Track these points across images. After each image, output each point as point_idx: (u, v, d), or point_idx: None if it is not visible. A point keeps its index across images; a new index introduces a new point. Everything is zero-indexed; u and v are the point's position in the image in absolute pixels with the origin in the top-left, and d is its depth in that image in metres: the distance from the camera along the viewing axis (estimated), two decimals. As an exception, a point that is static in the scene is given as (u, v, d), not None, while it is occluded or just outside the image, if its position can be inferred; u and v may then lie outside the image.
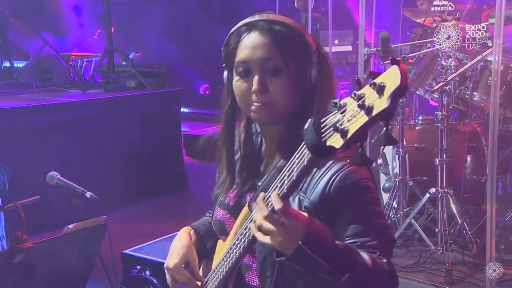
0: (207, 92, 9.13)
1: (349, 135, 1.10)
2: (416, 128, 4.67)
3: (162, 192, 5.96)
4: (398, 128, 4.39)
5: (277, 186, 1.35)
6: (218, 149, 1.72)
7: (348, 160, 1.48)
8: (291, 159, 1.31)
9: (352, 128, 1.09)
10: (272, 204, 1.32)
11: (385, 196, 4.58)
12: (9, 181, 3.19)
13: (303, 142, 1.23)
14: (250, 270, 1.64)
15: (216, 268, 1.67)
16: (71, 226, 2.98)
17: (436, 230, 4.12)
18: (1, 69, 6.86)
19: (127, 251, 3.74)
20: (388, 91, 1.03)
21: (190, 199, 6.04)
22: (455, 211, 4.11)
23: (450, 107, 4.29)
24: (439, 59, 4.37)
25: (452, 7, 4.35)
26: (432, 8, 4.46)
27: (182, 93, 6.78)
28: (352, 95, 1.11)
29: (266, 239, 1.34)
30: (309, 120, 1.21)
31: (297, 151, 1.28)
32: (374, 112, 1.05)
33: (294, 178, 1.30)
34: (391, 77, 1.04)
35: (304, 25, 4.78)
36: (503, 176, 4.21)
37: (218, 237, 1.77)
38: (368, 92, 1.08)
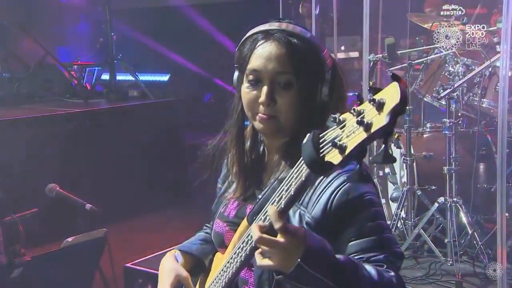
0: (212, 101, 9.08)
1: (347, 151, 1.10)
2: (424, 136, 4.61)
3: (164, 204, 5.89)
4: (405, 136, 4.32)
5: (275, 200, 1.33)
6: (229, 153, 1.70)
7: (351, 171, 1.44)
8: (290, 173, 1.30)
9: (351, 144, 1.09)
10: (269, 219, 1.31)
11: (393, 206, 4.53)
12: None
13: (301, 158, 1.23)
14: (246, 284, 1.61)
15: (213, 281, 1.65)
16: (70, 239, 2.96)
17: (446, 240, 4.06)
18: (1, 79, 6.82)
19: (129, 265, 3.68)
20: (387, 108, 1.04)
21: (194, 211, 5.95)
22: (465, 221, 4.05)
23: (459, 114, 4.22)
24: (446, 65, 4.32)
25: (462, 11, 4.29)
26: (442, 13, 4.41)
27: (186, 102, 6.73)
28: (352, 111, 1.10)
29: (265, 261, 1.32)
30: (308, 134, 1.20)
31: (296, 165, 1.27)
32: (373, 129, 1.05)
33: (292, 193, 1.29)
34: (391, 94, 1.04)
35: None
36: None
37: (213, 251, 1.76)
38: (367, 108, 1.07)
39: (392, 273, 1.41)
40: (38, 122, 5.34)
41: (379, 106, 1.04)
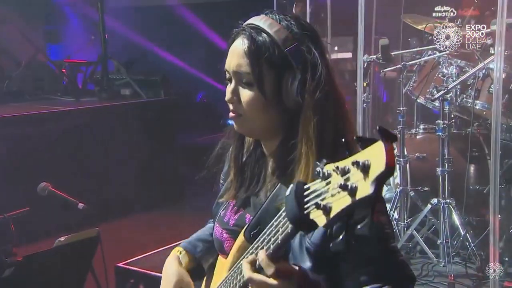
0: (204, 100, 9.05)
1: (332, 215, 1.04)
2: (418, 137, 4.61)
3: (157, 203, 5.86)
4: (399, 137, 4.32)
5: (264, 243, 1.29)
6: (229, 157, 1.68)
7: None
8: (278, 215, 1.24)
9: (335, 207, 1.03)
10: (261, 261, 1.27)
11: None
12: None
13: (283, 209, 1.17)
14: None
15: None
16: (62, 238, 2.91)
17: (438, 242, 4.07)
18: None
19: (120, 264, 3.65)
20: (372, 175, 0.96)
21: (186, 211, 5.94)
22: (457, 222, 4.06)
23: (452, 116, 4.23)
24: (440, 66, 4.32)
25: (454, 13, 4.29)
26: (434, 14, 4.40)
27: (178, 101, 6.69)
28: (335, 168, 1.03)
29: None
30: (291, 186, 1.14)
31: (278, 215, 1.23)
32: (358, 196, 0.98)
33: (279, 242, 1.24)
34: (376, 156, 0.97)
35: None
36: (506, 186, 4.13)
37: (216, 255, 1.72)
38: (352, 169, 1.00)
39: None
40: (29, 120, 5.30)
41: (364, 169, 0.97)
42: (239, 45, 1.47)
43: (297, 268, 1.31)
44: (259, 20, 1.48)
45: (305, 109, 1.42)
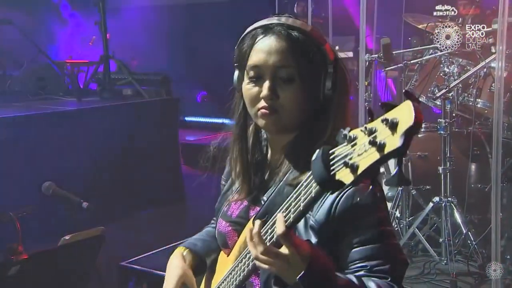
0: (205, 100, 9.06)
1: (359, 172, 1.06)
2: (419, 136, 4.59)
3: (159, 203, 5.86)
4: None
5: (282, 210, 1.30)
6: (232, 154, 1.67)
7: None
8: (298, 186, 1.27)
9: (363, 164, 1.06)
10: (274, 230, 1.29)
11: (388, 206, 4.51)
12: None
13: (310, 173, 1.19)
14: (252, 287, 1.60)
15: (221, 285, 1.62)
16: (67, 237, 2.93)
17: (440, 240, 4.08)
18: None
19: (124, 263, 3.67)
20: (401, 129, 1.00)
21: (188, 210, 5.96)
22: (459, 220, 4.06)
23: (454, 114, 4.24)
24: (441, 65, 4.32)
25: (455, 12, 4.30)
26: (434, 13, 4.41)
27: (180, 101, 6.71)
28: (363, 129, 1.07)
29: (265, 267, 1.31)
30: (317, 150, 1.17)
31: (305, 180, 1.24)
32: (386, 150, 1.02)
33: (301, 209, 1.26)
34: (404, 114, 1.00)
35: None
36: (508, 184, 4.14)
37: (218, 250, 1.74)
38: (379, 127, 1.03)
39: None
40: (31, 120, 5.31)
41: (392, 126, 1.00)
42: (276, 43, 1.50)
43: (309, 245, 1.33)
44: (286, 20, 1.52)
45: (332, 104, 1.50)
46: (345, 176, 1.09)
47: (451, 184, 4.11)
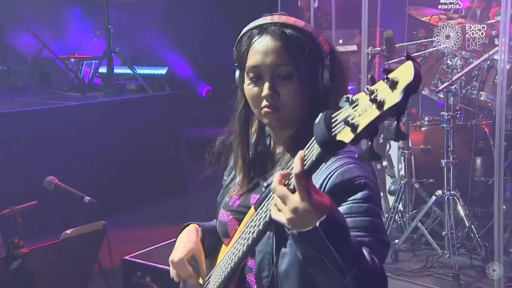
0: (210, 95, 9.06)
1: (359, 129, 1.08)
2: (422, 129, 4.60)
3: (162, 197, 5.88)
4: (404, 129, 4.31)
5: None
6: (234, 151, 1.70)
7: (351, 157, 1.46)
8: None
9: (363, 122, 1.07)
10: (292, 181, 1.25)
11: (390, 199, 4.53)
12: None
13: (313, 137, 1.21)
14: (251, 272, 1.60)
15: (218, 267, 1.65)
16: (69, 231, 2.94)
17: (443, 233, 4.07)
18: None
19: (127, 257, 3.67)
20: (400, 86, 1.03)
21: (191, 204, 5.96)
22: (462, 213, 4.06)
23: (457, 108, 4.22)
24: (444, 58, 4.30)
25: (459, 5, 4.28)
26: (439, 6, 4.39)
27: (184, 95, 6.71)
28: (365, 90, 1.09)
29: (278, 216, 1.27)
30: (320, 114, 1.19)
31: (307, 146, 1.25)
32: (386, 107, 1.04)
33: (307, 169, 1.25)
34: (404, 72, 1.04)
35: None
36: (511, 177, 4.12)
37: (220, 242, 1.74)
38: (380, 87, 1.06)
39: (376, 260, 1.36)
40: (35, 115, 5.33)
41: (393, 84, 1.04)
42: (271, 42, 1.53)
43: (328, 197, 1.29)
44: (279, 18, 1.55)
45: (332, 94, 1.52)
46: (345, 135, 1.11)
47: (454, 177, 4.11)
